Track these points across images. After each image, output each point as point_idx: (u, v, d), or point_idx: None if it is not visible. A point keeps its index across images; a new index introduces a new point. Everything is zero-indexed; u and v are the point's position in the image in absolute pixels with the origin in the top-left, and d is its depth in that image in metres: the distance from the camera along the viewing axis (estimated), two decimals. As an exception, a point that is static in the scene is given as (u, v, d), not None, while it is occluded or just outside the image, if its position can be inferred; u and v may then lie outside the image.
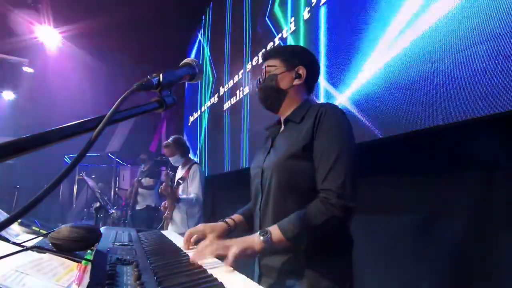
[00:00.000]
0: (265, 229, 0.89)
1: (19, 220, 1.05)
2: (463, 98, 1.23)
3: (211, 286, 0.61)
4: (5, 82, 5.97)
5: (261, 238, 0.86)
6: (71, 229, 0.76)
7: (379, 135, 1.59)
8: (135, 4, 4.78)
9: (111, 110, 0.49)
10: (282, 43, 2.59)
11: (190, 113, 5.44)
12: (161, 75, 0.61)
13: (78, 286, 0.60)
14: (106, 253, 0.83)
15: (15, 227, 1.04)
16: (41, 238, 0.93)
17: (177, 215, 2.77)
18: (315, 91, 2.07)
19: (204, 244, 0.80)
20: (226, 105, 3.77)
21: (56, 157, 5.64)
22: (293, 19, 2.45)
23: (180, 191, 2.82)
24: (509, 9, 1.09)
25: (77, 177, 6.70)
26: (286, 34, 2.55)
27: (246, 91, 3.23)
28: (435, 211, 1.51)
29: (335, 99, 1.90)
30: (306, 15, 2.27)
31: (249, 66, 3.20)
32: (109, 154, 6.61)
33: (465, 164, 1.39)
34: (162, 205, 2.85)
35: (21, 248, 0.70)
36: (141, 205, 4.57)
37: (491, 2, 1.15)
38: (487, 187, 1.33)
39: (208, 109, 4.50)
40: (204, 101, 4.68)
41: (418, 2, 1.45)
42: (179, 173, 2.95)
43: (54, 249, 0.74)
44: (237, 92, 3.45)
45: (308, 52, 1.17)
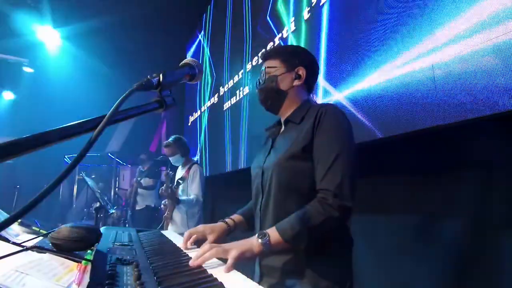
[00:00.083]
0: (263, 232, 0.89)
1: (19, 220, 1.05)
2: (463, 98, 1.23)
3: (211, 286, 0.61)
4: (5, 82, 5.97)
5: (260, 241, 0.86)
6: (71, 229, 0.76)
7: (379, 135, 1.59)
8: (135, 4, 4.78)
9: (111, 110, 0.49)
10: (283, 43, 2.59)
11: (190, 113, 5.44)
12: (161, 75, 0.61)
13: (78, 286, 0.60)
14: (106, 253, 0.83)
15: (15, 227, 1.03)
16: (41, 238, 0.93)
17: (177, 215, 2.77)
18: (314, 91, 2.07)
19: (203, 249, 0.80)
20: (226, 105, 3.76)
21: (56, 157, 5.63)
22: (293, 19, 2.45)
23: (180, 191, 2.83)
24: (509, 9, 1.09)
25: (77, 177, 6.69)
26: (286, 34, 2.55)
27: (246, 91, 3.23)
28: (435, 211, 1.51)
29: (335, 99, 1.89)
30: (306, 15, 2.27)
31: (249, 66, 3.20)
32: (109, 154, 6.61)
33: (465, 164, 1.39)
34: (162, 204, 2.86)
35: (21, 248, 0.70)
36: (141, 205, 4.57)
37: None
38: (487, 187, 1.33)
39: (208, 109, 4.50)
40: (204, 101, 4.68)
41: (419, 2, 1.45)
42: (179, 173, 2.95)
43: (54, 249, 0.74)
44: (237, 92, 3.45)
45: (308, 53, 1.17)
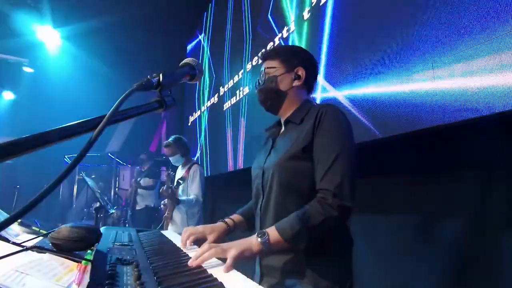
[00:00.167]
0: (263, 231, 0.89)
1: (19, 220, 1.05)
2: (463, 98, 1.23)
3: (211, 286, 0.61)
4: (5, 82, 5.97)
5: (259, 240, 0.86)
6: (71, 229, 0.76)
7: (379, 135, 1.59)
8: (135, 4, 4.78)
9: (111, 110, 0.49)
10: (283, 43, 2.59)
11: (190, 113, 5.44)
12: (161, 75, 0.61)
13: (78, 286, 0.60)
14: (106, 253, 0.83)
15: (15, 227, 1.03)
16: (41, 238, 0.93)
17: (177, 215, 2.77)
18: (314, 90, 2.07)
19: (203, 249, 0.80)
20: (226, 105, 3.76)
21: (56, 157, 5.63)
22: (294, 19, 2.45)
23: (180, 191, 2.83)
24: (510, 8, 1.09)
25: (77, 177, 6.69)
26: (287, 34, 2.55)
27: (246, 91, 3.23)
28: (435, 211, 1.51)
29: (335, 99, 1.89)
30: (306, 15, 2.27)
31: (249, 66, 3.20)
32: (109, 154, 6.60)
33: (465, 164, 1.39)
34: (162, 204, 2.86)
35: (21, 248, 0.70)
36: (140, 206, 4.56)
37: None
38: (487, 187, 1.33)
39: (208, 109, 4.50)
40: (204, 101, 4.68)
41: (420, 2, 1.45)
42: (179, 173, 2.95)
43: (54, 249, 0.74)
44: (237, 92, 3.45)
45: (307, 52, 1.16)
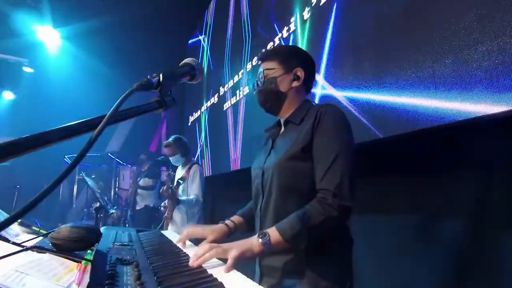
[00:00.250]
0: (264, 231, 0.89)
1: (19, 220, 1.05)
2: (463, 98, 1.23)
3: (211, 286, 0.61)
4: (5, 82, 5.97)
5: (260, 241, 0.86)
6: (71, 229, 0.76)
7: (379, 135, 1.59)
8: (135, 4, 4.78)
9: (111, 110, 0.49)
10: (283, 43, 2.59)
11: (190, 113, 5.44)
12: (161, 75, 0.61)
13: (78, 286, 0.60)
14: (106, 253, 0.83)
15: (15, 227, 1.03)
16: (41, 238, 0.93)
17: (177, 215, 2.77)
18: (313, 91, 2.07)
19: (203, 249, 0.80)
20: (226, 105, 3.76)
21: (56, 157, 5.63)
22: (293, 19, 2.45)
23: (180, 191, 2.83)
24: (509, 8, 1.09)
25: (77, 177, 6.69)
26: (287, 34, 2.55)
27: (246, 91, 3.23)
28: (435, 211, 1.51)
29: (335, 99, 1.89)
30: (306, 15, 2.27)
31: (249, 66, 3.20)
32: (109, 154, 6.60)
33: (465, 164, 1.39)
34: (162, 206, 2.86)
35: (21, 248, 0.70)
36: (140, 206, 4.56)
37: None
38: (487, 187, 1.33)
39: (208, 109, 4.50)
40: (204, 101, 4.68)
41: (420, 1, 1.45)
42: (179, 173, 2.95)
43: (54, 249, 0.74)
44: (237, 92, 3.45)
45: (305, 52, 1.16)
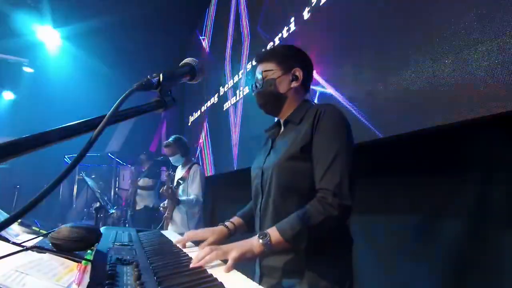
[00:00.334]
0: (264, 232, 0.89)
1: (19, 220, 1.05)
2: (463, 98, 1.22)
3: (211, 286, 0.61)
4: (5, 82, 5.97)
5: (260, 241, 0.86)
6: (71, 229, 0.76)
7: (379, 135, 1.59)
8: (135, 4, 4.78)
9: (111, 110, 0.49)
10: (284, 43, 2.59)
11: (190, 113, 5.44)
12: (161, 75, 0.61)
13: (78, 286, 0.60)
14: (106, 253, 0.83)
15: (15, 227, 1.03)
16: (41, 238, 0.93)
17: (177, 215, 2.77)
18: (314, 91, 2.07)
19: (204, 252, 0.79)
20: (226, 105, 3.76)
21: (56, 157, 5.63)
22: (294, 19, 2.45)
23: (180, 191, 2.82)
24: (509, 8, 1.09)
25: (77, 177, 6.69)
26: (287, 34, 2.55)
27: (246, 91, 3.23)
28: (435, 211, 1.51)
29: (335, 99, 1.89)
30: (306, 15, 2.27)
31: (249, 66, 3.20)
32: (109, 154, 6.60)
33: (465, 164, 1.39)
34: (161, 206, 2.85)
35: (21, 248, 0.70)
36: (139, 206, 4.56)
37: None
38: (487, 187, 1.33)
39: (208, 109, 4.50)
40: (204, 101, 4.68)
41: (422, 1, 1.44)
42: (179, 173, 2.95)
43: (54, 249, 0.74)
44: (237, 92, 3.45)
45: (302, 52, 1.16)
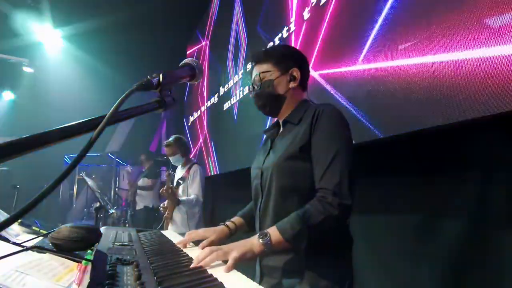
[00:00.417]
0: (264, 232, 0.89)
1: (19, 220, 1.05)
2: (463, 98, 1.22)
3: (211, 286, 0.61)
4: (5, 82, 5.97)
5: (261, 241, 0.86)
6: (71, 229, 0.76)
7: (379, 135, 1.59)
8: (135, 4, 4.78)
9: (111, 110, 0.49)
10: (283, 43, 2.59)
11: (190, 113, 5.44)
12: (161, 75, 0.61)
13: (78, 286, 0.60)
14: (106, 253, 0.83)
15: (15, 227, 1.04)
16: (41, 238, 0.93)
17: (177, 215, 2.77)
18: (314, 91, 2.07)
19: (204, 253, 0.79)
20: (226, 105, 3.76)
21: (56, 157, 5.63)
22: (293, 19, 2.45)
23: (180, 191, 2.82)
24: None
25: (77, 177, 6.69)
26: (287, 34, 2.55)
27: (246, 91, 3.23)
28: (435, 211, 1.51)
29: (335, 99, 1.89)
30: (306, 15, 2.27)
31: (249, 66, 3.20)
32: (109, 154, 6.61)
33: (465, 164, 1.39)
34: (161, 206, 2.85)
35: (21, 248, 0.70)
36: (139, 206, 4.56)
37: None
38: (487, 187, 1.33)
39: (208, 109, 4.50)
40: (204, 101, 4.68)
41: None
42: (179, 173, 2.95)
43: (54, 249, 0.74)
44: (237, 92, 3.45)
45: (299, 52, 1.16)
